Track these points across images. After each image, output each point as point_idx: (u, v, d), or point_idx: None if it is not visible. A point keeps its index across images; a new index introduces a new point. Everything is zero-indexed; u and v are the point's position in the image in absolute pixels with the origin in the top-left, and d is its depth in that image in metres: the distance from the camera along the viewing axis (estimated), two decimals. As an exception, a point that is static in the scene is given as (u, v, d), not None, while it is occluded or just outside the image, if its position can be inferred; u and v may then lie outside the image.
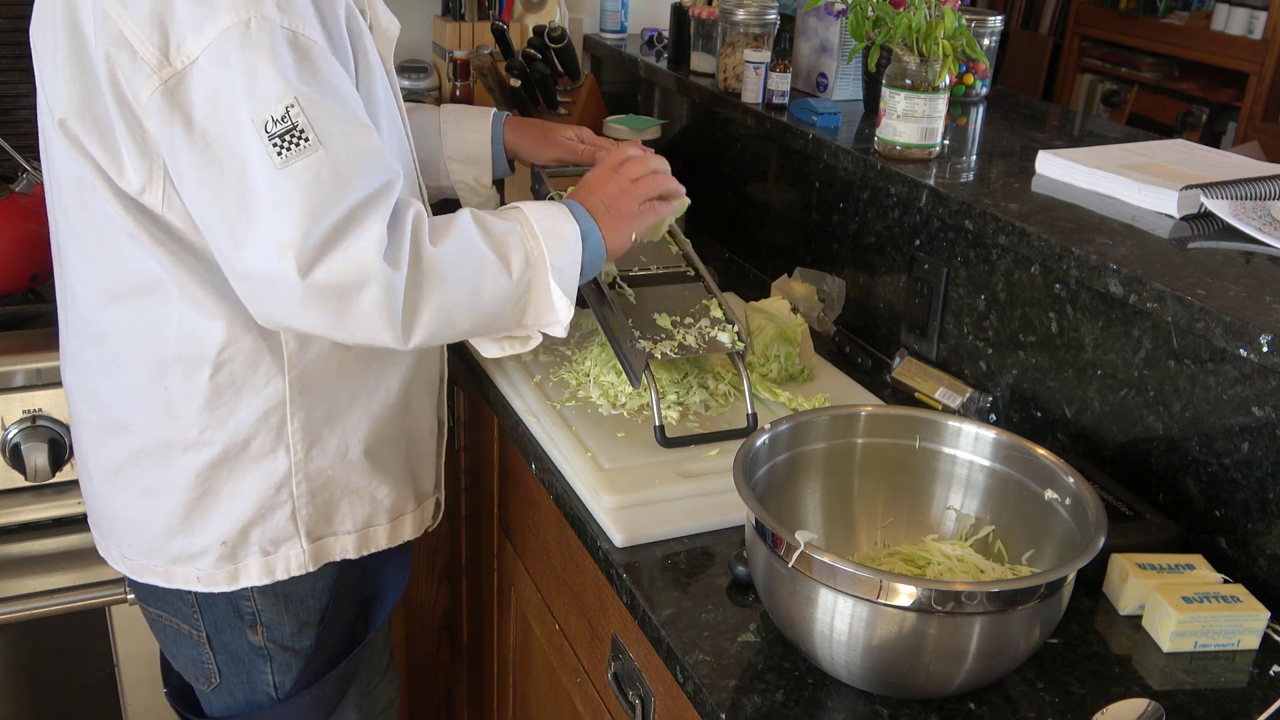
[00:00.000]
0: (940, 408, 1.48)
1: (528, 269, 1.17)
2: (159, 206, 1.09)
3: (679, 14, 2.19)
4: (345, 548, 1.30)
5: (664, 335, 1.37)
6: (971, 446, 1.14)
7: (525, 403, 1.44)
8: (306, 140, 1.01)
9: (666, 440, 1.30)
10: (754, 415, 1.33)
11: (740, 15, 1.93)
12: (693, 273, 1.50)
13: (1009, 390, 1.46)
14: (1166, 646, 1.06)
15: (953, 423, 1.14)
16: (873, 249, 1.69)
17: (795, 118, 1.81)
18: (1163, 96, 4.72)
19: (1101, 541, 0.94)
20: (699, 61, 2.14)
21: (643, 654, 1.16)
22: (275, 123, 1.00)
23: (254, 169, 1.01)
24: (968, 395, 1.47)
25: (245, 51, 1.00)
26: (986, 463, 1.13)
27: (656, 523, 1.20)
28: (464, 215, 1.16)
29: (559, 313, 1.19)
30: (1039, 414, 1.41)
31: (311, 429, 1.23)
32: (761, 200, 1.99)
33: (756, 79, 1.89)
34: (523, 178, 1.82)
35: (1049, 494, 1.07)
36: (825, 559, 0.91)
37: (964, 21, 1.57)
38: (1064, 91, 5.07)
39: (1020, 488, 1.10)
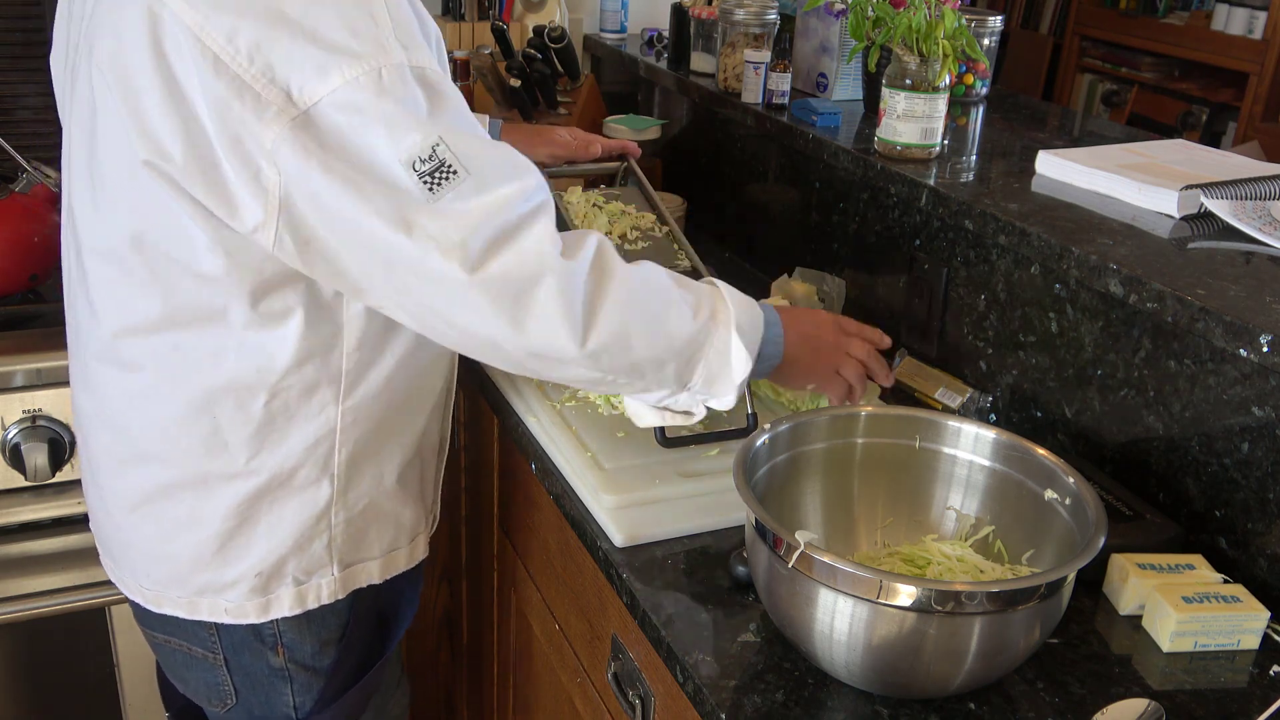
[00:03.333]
0: (940, 408, 1.48)
1: (712, 321, 1.14)
2: (270, 245, 1.04)
3: (679, 14, 2.19)
4: (371, 573, 1.28)
5: None
6: (971, 446, 1.14)
7: (525, 402, 1.44)
8: (455, 173, 1.01)
9: (667, 440, 1.30)
10: (754, 415, 1.33)
11: (740, 15, 1.93)
12: (689, 267, 1.49)
13: (1009, 390, 1.46)
14: (1166, 646, 1.06)
15: (953, 423, 1.14)
16: (873, 249, 1.69)
17: (795, 118, 1.81)
18: (1163, 96, 4.72)
19: (1101, 542, 0.94)
20: (699, 61, 2.14)
21: (643, 654, 1.16)
22: (423, 161, 0.99)
23: (404, 202, 1.00)
24: (968, 395, 1.47)
25: (381, 101, 0.98)
26: (986, 463, 1.13)
27: (656, 523, 1.20)
28: (651, 263, 1.15)
29: (734, 371, 1.15)
30: (1039, 414, 1.41)
31: (356, 459, 1.21)
32: (761, 200, 1.99)
33: (756, 79, 1.89)
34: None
35: (1049, 494, 1.07)
36: (825, 559, 0.91)
37: (964, 21, 1.57)
38: (1064, 91, 5.07)
39: (1020, 488, 1.10)
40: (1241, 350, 1.09)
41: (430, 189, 1.00)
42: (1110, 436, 1.32)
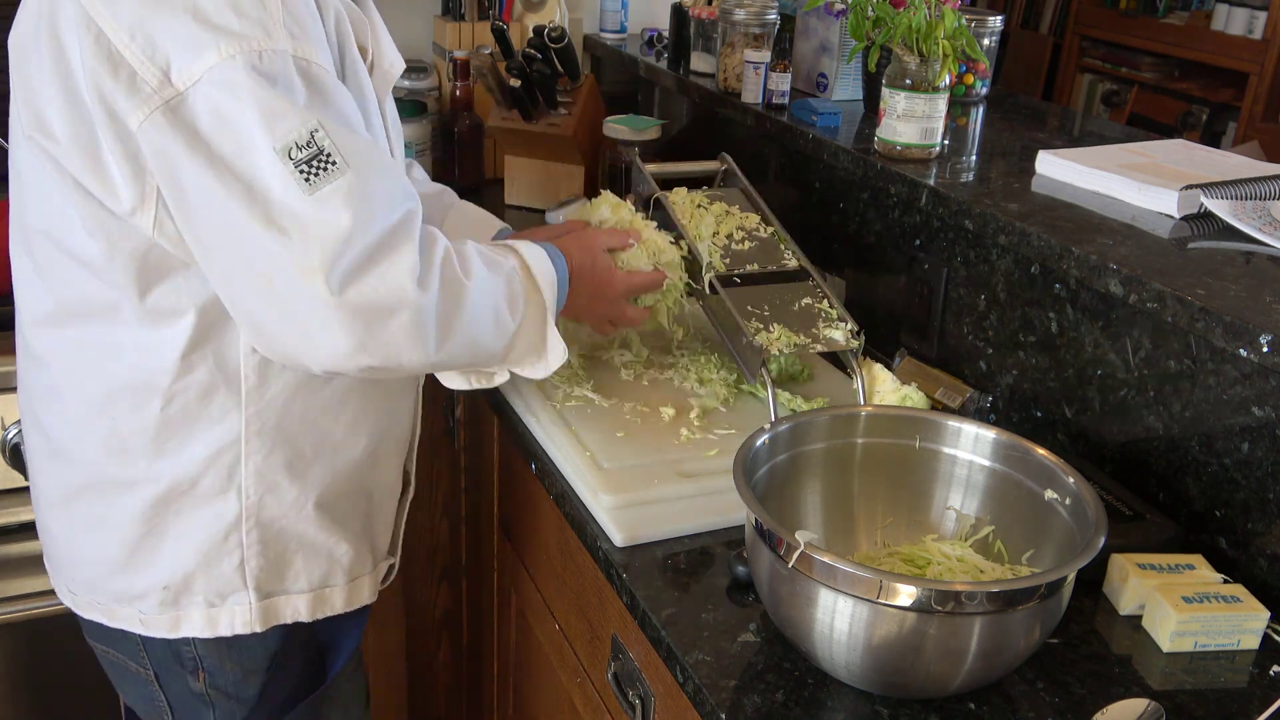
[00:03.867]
0: (940, 407, 1.48)
1: (527, 307, 1.18)
2: (149, 229, 1.03)
3: (679, 14, 2.19)
4: (298, 609, 1.22)
5: (777, 332, 1.37)
6: (971, 446, 1.14)
7: (524, 402, 1.43)
8: (334, 164, 0.98)
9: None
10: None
11: (740, 15, 1.93)
12: (797, 267, 1.49)
13: (1009, 390, 1.46)
14: (1166, 646, 1.06)
15: (953, 423, 1.14)
16: (873, 249, 1.69)
17: (795, 118, 1.81)
18: (1163, 96, 4.72)
19: (1101, 542, 0.95)
20: (699, 61, 2.14)
21: (643, 654, 1.16)
22: (300, 149, 0.97)
23: (277, 196, 0.97)
24: (968, 395, 1.47)
25: (258, 82, 0.96)
26: (986, 463, 1.13)
27: (656, 523, 1.20)
28: (472, 249, 1.14)
29: (550, 356, 1.20)
30: (1039, 414, 1.41)
31: (268, 474, 1.15)
32: (761, 200, 1.99)
33: (756, 79, 1.89)
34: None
35: (1049, 494, 1.07)
36: (825, 559, 0.91)
37: (964, 21, 1.57)
38: (1064, 91, 5.07)
39: (1020, 488, 1.10)
40: (1241, 350, 1.09)
41: (307, 179, 0.97)
42: (1110, 436, 1.32)
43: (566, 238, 1.34)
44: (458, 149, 2.23)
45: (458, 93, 2.20)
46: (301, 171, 0.97)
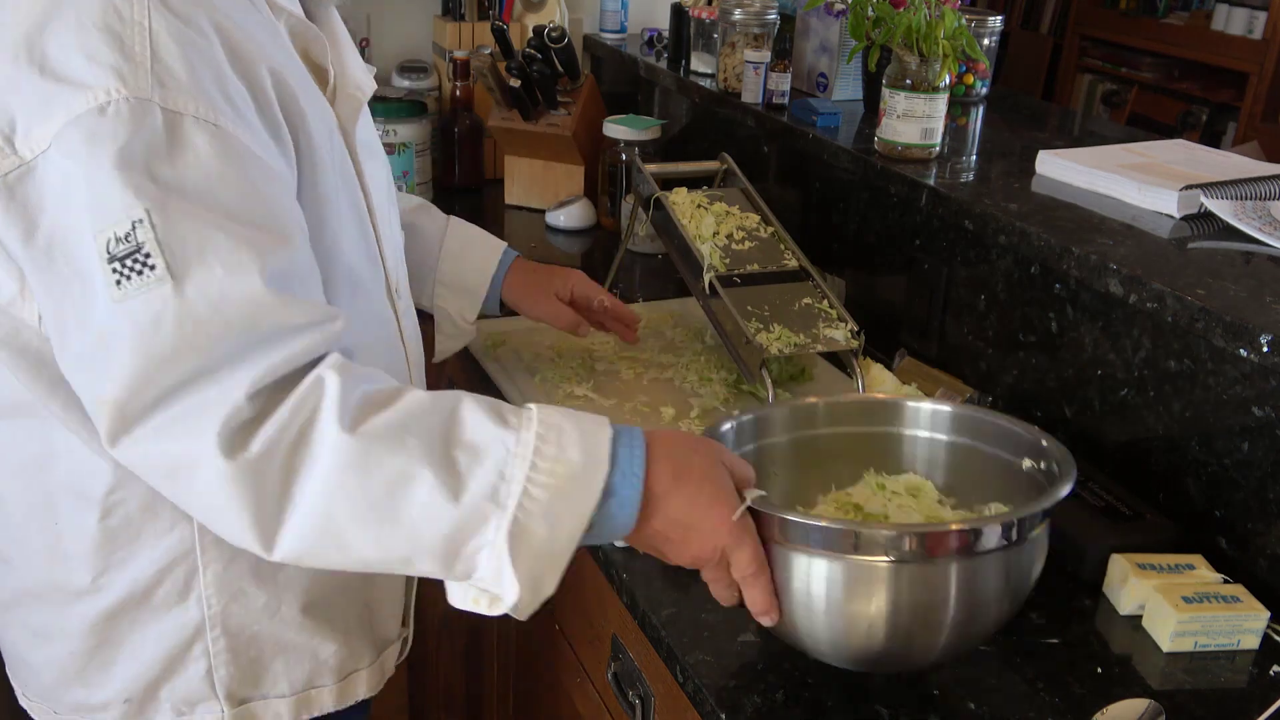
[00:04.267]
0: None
1: (490, 504, 0.83)
2: (34, 321, 0.89)
3: (679, 14, 2.19)
4: (279, 713, 1.11)
5: (777, 332, 1.37)
6: (930, 424, 1.09)
7: (524, 401, 1.43)
8: (153, 269, 0.79)
9: None
10: None
11: (740, 15, 1.93)
12: (798, 267, 1.49)
13: (1009, 390, 1.46)
14: (1166, 646, 1.06)
15: (910, 403, 1.11)
16: (873, 249, 1.69)
17: (795, 118, 1.81)
18: (1163, 96, 4.72)
19: (1068, 487, 0.91)
20: (699, 61, 2.14)
21: (643, 654, 1.16)
22: (118, 241, 0.79)
23: (96, 293, 0.81)
24: (968, 395, 1.47)
25: (93, 144, 0.79)
26: (946, 437, 1.09)
27: (657, 523, 1.20)
28: (441, 398, 0.88)
29: (504, 593, 0.85)
30: (1039, 414, 1.41)
31: (231, 582, 1.04)
32: (761, 200, 1.99)
33: (756, 79, 1.89)
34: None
35: (1026, 463, 1.02)
36: (781, 514, 0.87)
37: (964, 21, 1.57)
38: (1064, 91, 5.07)
39: (978, 453, 1.06)
40: (1241, 350, 1.09)
41: (118, 281, 0.79)
42: (1110, 436, 1.32)
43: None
44: (458, 149, 2.23)
45: (458, 93, 2.20)
46: (115, 270, 0.79)
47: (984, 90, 1.97)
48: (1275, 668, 1.05)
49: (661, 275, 1.86)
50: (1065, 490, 0.92)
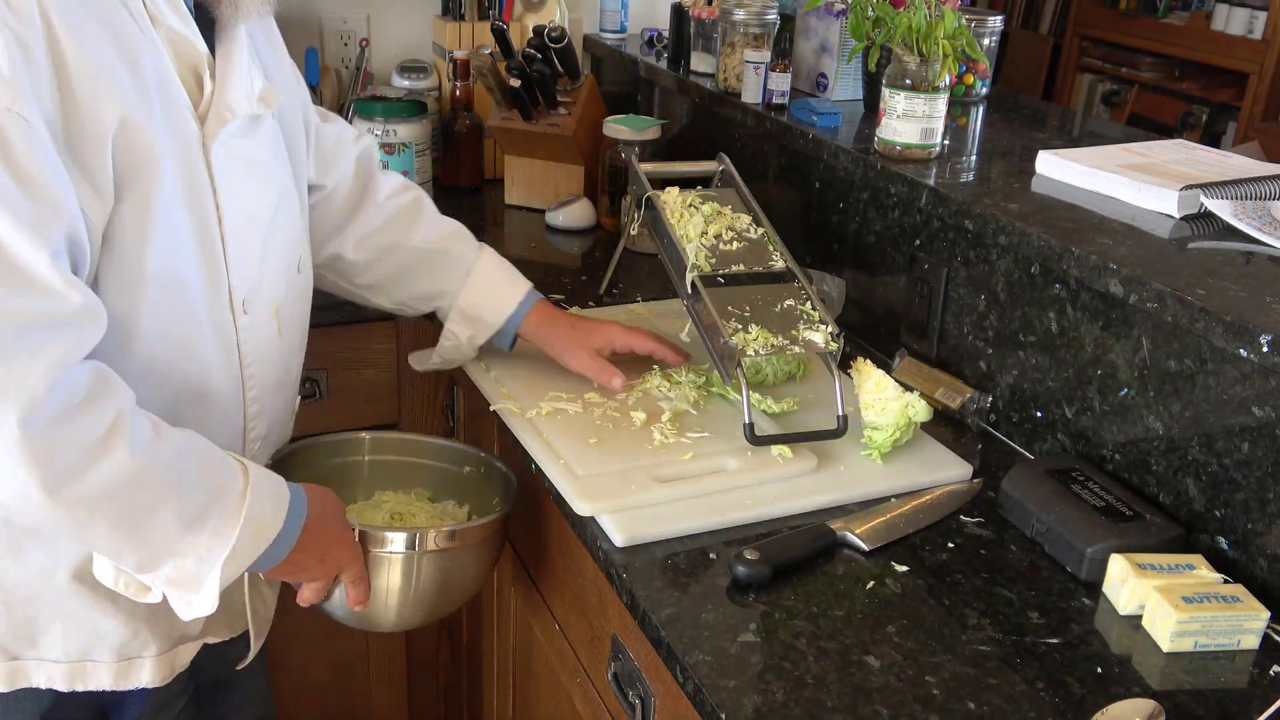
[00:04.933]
0: (940, 407, 1.48)
1: (213, 539, 1.05)
2: None
3: (679, 14, 2.19)
4: (52, 677, 1.16)
5: (755, 333, 1.37)
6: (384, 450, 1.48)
7: (503, 407, 1.44)
8: None
9: (755, 439, 1.30)
10: (845, 416, 1.34)
11: (740, 15, 1.93)
12: (783, 268, 1.49)
13: (1009, 390, 1.46)
14: (1166, 646, 1.06)
15: (366, 436, 1.48)
16: (873, 249, 1.69)
17: (795, 118, 1.81)
18: (1163, 96, 4.72)
19: (504, 509, 1.35)
20: (699, 61, 2.14)
21: (643, 654, 1.16)
22: None
23: None
24: (968, 395, 1.47)
25: None
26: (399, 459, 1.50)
27: (656, 523, 1.20)
28: (187, 439, 1.06)
29: (201, 603, 1.06)
30: (1039, 414, 1.41)
31: (9, 536, 1.10)
32: (761, 200, 1.98)
33: (756, 79, 1.89)
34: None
35: (467, 469, 1.45)
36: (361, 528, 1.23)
37: (964, 21, 1.57)
38: (1064, 91, 5.07)
39: (448, 471, 1.48)
40: (1241, 350, 1.09)
41: None
42: (1110, 436, 1.32)
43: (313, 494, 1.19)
44: (458, 149, 2.23)
45: (458, 93, 2.20)
46: None
47: (984, 90, 1.97)
48: (1275, 668, 1.05)
49: (661, 275, 1.85)
50: (493, 517, 1.34)
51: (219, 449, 1.09)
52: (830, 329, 1.38)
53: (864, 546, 1.19)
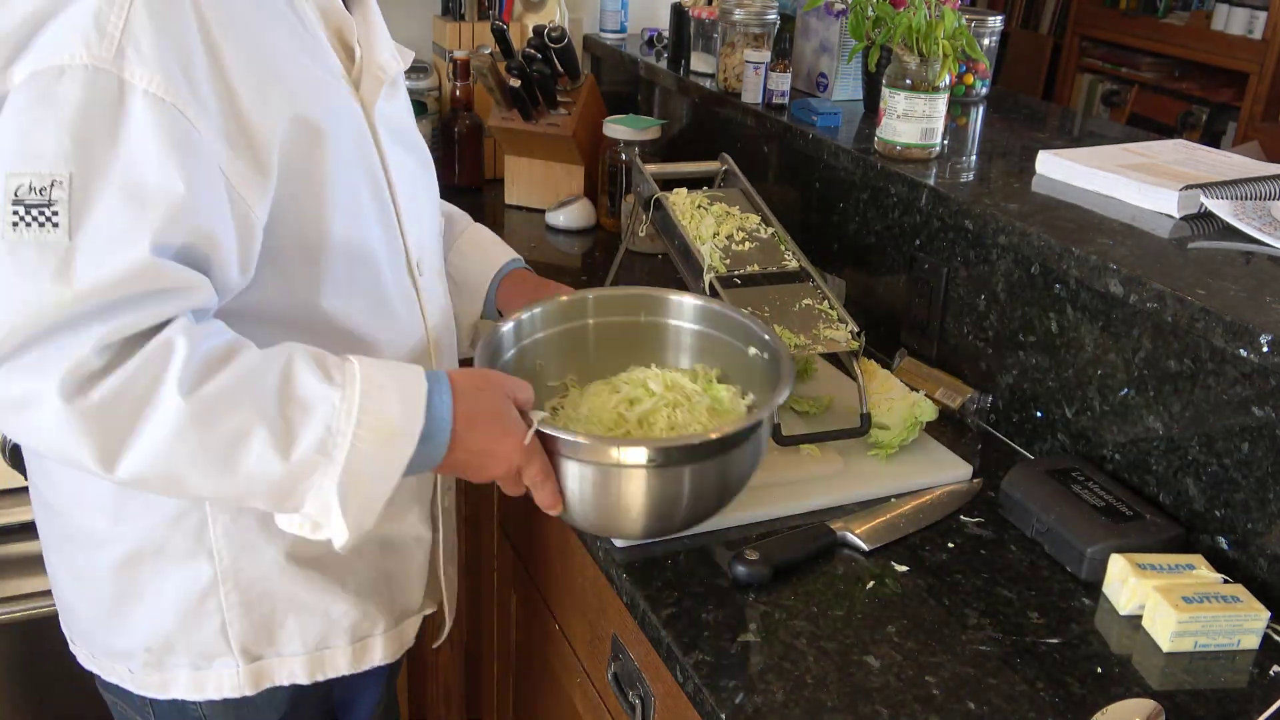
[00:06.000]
0: (940, 408, 1.48)
1: (319, 455, 0.93)
2: None
3: (679, 14, 2.19)
4: (294, 671, 1.15)
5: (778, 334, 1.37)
6: (688, 315, 1.32)
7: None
8: (56, 227, 0.86)
9: (783, 440, 1.31)
10: (868, 415, 1.34)
11: (740, 15, 1.93)
12: (798, 268, 1.49)
13: (1009, 390, 1.46)
14: (1166, 646, 1.06)
15: (672, 296, 1.32)
16: (873, 249, 1.69)
17: (795, 118, 1.81)
18: (1163, 96, 4.72)
19: (785, 392, 1.12)
20: (699, 61, 2.14)
21: (643, 654, 1.16)
22: (31, 190, 0.86)
23: None
24: (968, 395, 1.47)
25: (42, 102, 0.86)
26: (697, 327, 1.31)
27: (656, 522, 1.20)
28: (273, 356, 0.95)
29: (333, 533, 0.96)
30: (1039, 414, 1.41)
31: (239, 535, 1.09)
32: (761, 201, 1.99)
33: (756, 79, 1.89)
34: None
35: (752, 350, 1.26)
36: (560, 434, 1.05)
37: (964, 21, 1.57)
38: (1064, 91, 5.07)
39: (718, 340, 1.30)
40: (1241, 350, 1.09)
41: (14, 224, 0.86)
42: (1110, 436, 1.32)
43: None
44: (458, 149, 2.23)
45: (458, 93, 2.20)
46: (16, 211, 0.86)
47: (984, 90, 1.97)
48: (1275, 668, 1.05)
49: (662, 275, 1.85)
50: (781, 397, 1.12)
51: (316, 353, 0.97)
52: (851, 327, 1.39)
53: (864, 546, 1.19)
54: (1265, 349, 1.07)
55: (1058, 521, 1.19)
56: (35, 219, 0.86)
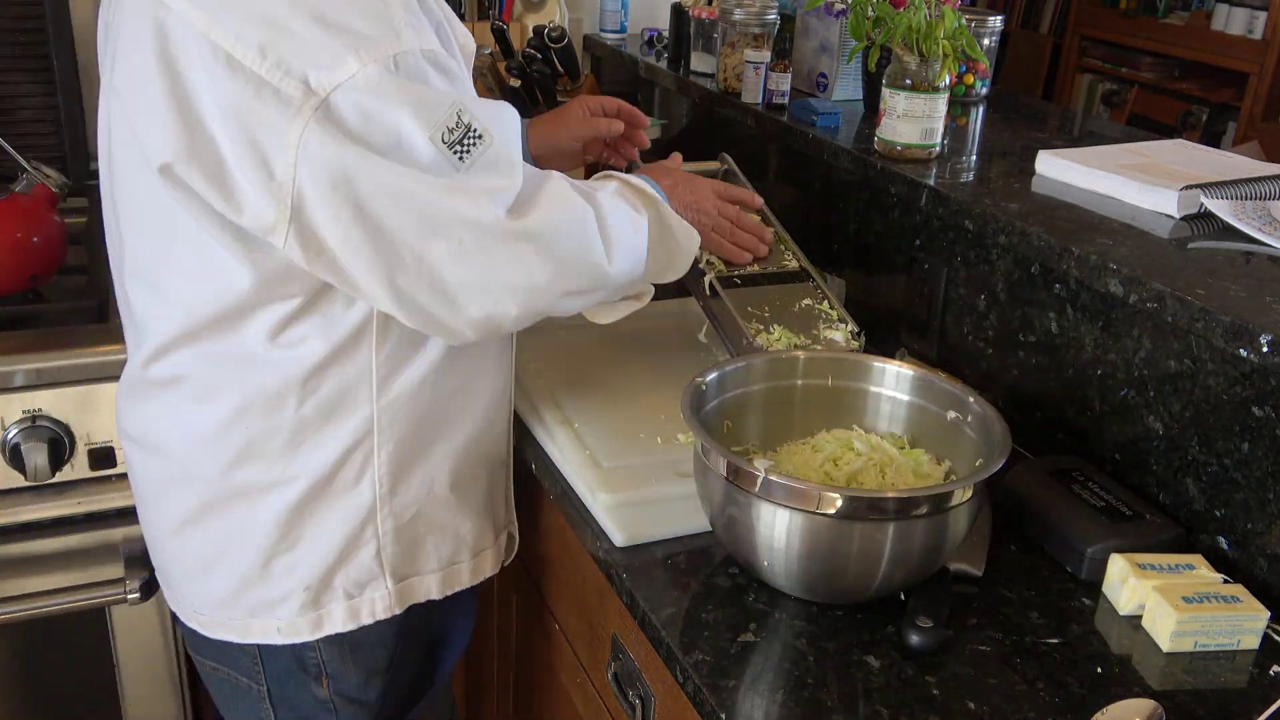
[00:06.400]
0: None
1: (654, 211, 1.25)
2: (281, 243, 1.02)
3: (679, 14, 2.19)
4: (430, 588, 1.24)
5: (777, 333, 1.37)
6: (893, 383, 1.25)
7: (527, 400, 1.43)
8: (480, 137, 1.03)
9: None
10: None
11: (740, 15, 1.93)
12: (797, 268, 1.49)
13: (1009, 390, 1.46)
14: (1166, 646, 1.06)
15: (876, 363, 1.25)
16: (873, 249, 1.69)
17: (795, 118, 1.81)
18: (1163, 96, 4.72)
19: (1003, 459, 1.06)
20: (699, 61, 2.14)
21: (643, 654, 1.16)
22: (451, 131, 1.01)
23: (434, 178, 1.02)
24: (968, 395, 1.47)
25: (401, 82, 0.99)
26: (905, 397, 1.24)
27: (656, 523, 1.20)
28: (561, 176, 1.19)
29: (681, 244, 1.28)
30: (1039, 414, 1.41)
31: (398, 461, 1.18)
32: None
33: (756, 79, 1.89)
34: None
35: (951, 414, 1.19)
36: (781, 480, 1.01)
37: (964, 21, 1.57)
38: (1064, 91, 5.07)
39: (930, 413, 1.22)
40: (1241, 350, 1.09)
41: (460, 156, 1.02)
42: (1110, 436, 1.32)
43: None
44: (458, 149, 2.22)
45: (458, 93, 2.20)
46: (455, 151, 1.02)
47: (984, 90, 1.97)
48: (1275, 668, 1.05)
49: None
50: (997, 465, 1.06)
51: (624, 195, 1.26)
52: (850, 327, 1.39)
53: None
54: (1265, 349, 1.07)
55: (1058, 521, 1.19)
56: (470, 144, 1.03)
